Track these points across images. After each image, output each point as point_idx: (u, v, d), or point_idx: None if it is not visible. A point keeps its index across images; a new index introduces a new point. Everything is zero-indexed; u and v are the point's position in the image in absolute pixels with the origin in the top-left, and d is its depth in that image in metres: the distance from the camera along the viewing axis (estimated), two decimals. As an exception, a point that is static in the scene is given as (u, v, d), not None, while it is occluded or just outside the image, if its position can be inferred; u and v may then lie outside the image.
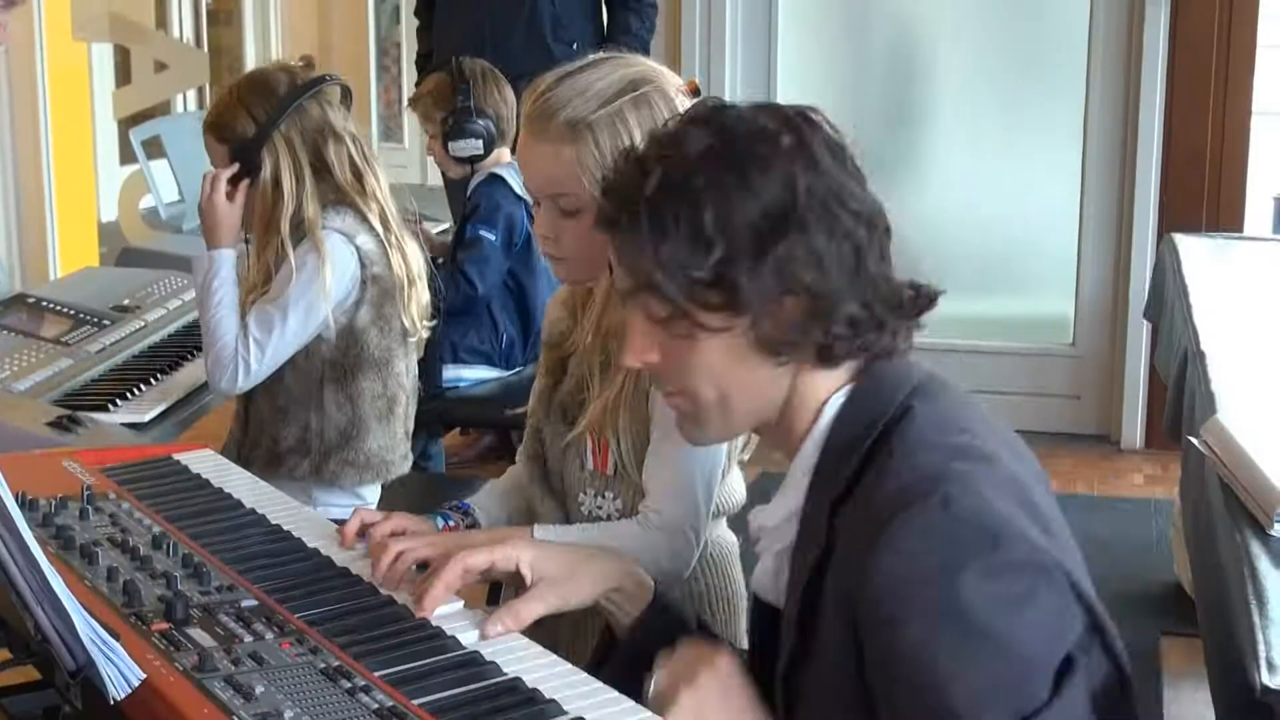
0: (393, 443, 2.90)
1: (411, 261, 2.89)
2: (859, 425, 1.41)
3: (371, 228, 2.81)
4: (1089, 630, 1.32)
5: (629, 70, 1.86)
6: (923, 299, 1.46)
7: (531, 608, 1.53)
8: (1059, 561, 1.32)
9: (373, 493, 2.96)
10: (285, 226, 2.75)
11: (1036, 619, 1.29)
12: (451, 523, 1.98)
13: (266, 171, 2.76)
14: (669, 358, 1.45)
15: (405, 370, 2.92)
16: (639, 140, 1.80)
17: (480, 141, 4.00)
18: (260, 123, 2.76)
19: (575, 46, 4.48)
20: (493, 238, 3.97)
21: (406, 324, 2.87)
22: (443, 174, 4.65)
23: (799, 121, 1.42)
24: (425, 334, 2.99)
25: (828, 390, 1.45)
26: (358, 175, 2.83)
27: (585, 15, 4.71)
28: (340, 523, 1.80)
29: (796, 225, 1.37)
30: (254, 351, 2.71)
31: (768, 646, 1.49)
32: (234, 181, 2.78)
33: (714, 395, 1.44)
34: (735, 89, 5.37)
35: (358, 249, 2.78)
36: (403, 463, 2.95)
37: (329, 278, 2.71)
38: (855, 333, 1.40)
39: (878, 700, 1.32)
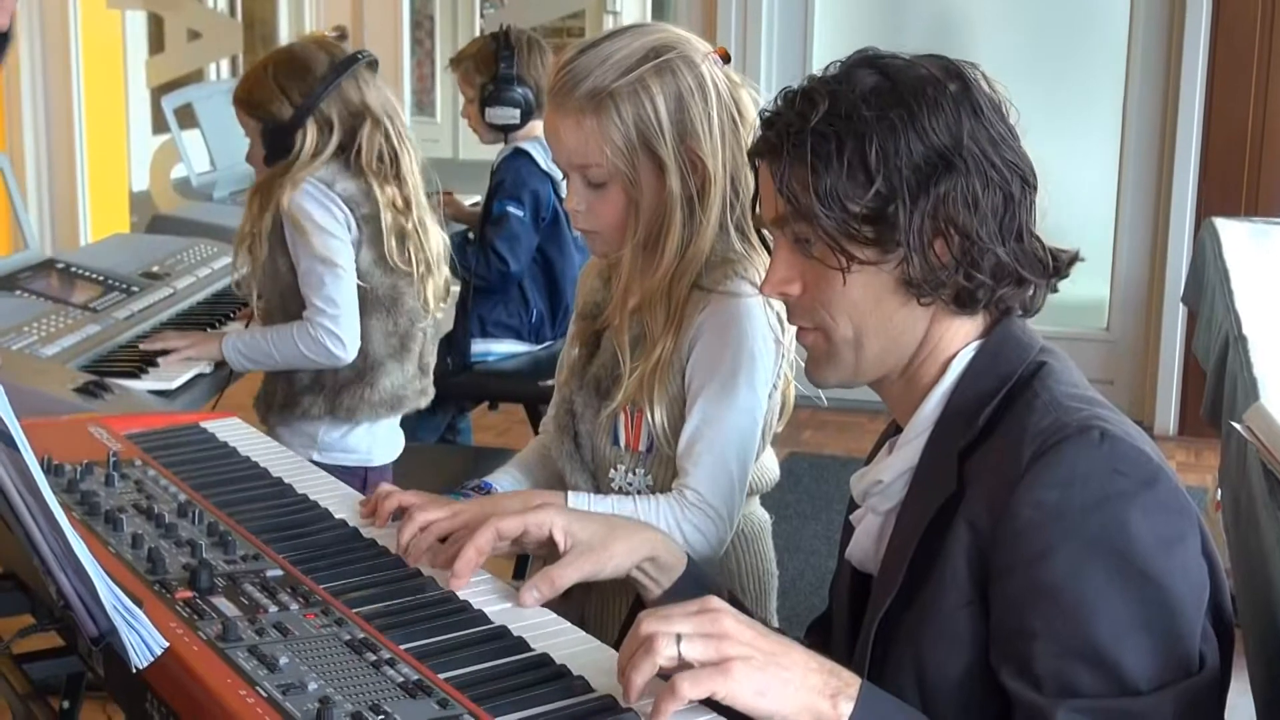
0: (407, 379, 2.94)
1: (432, 246, 2.95)
2: (991, 378, 1.41)
3: (358, 173, 2.85)
4: (1211, 590, 1.33)
5: (650, 38, 1.83)
6: (1062, 262, 1.46)
7: (566, 574, 1.50)
8: (1197, 514, 1.32)
9: (388, 427, 2.99)
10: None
11: (1185, 564, 1.30)
12: None
13: (296, 147, 2.80)
14: (810, 290, 1.45)
15: (418, 306, 2.95)
16: (663, 109, 1.79)
17: (517, 111, 3.98)
18: (296, 106, 2.81)
19: None
20: (521, 214, 3.96)
21: (421, 305, 2.94)
22: None
23: (963, 71, 1.42)
24: (440, 314, 3.05)
25: (959, 343, 1.44)
26: (393, 157, 2.88)
27: None
28: (348, 470, 1.79)
29: (957, 168, 1.37)
30: (328, 317, 2.79)
31: (858, 611, 1.49)
32: (267, 163, 2.85)
33: (850, 333, 1.44)
34: (771, 59, 5.35)
35: (338, 195, 2.83)
36: (419, 397, 3.01)
37: (325, 217, 2.80)
38: (997, 282, 1.41)
39: (1003, 641, 1.31)
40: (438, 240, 2.98)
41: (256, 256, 2.86)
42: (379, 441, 2.98)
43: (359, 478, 2.85)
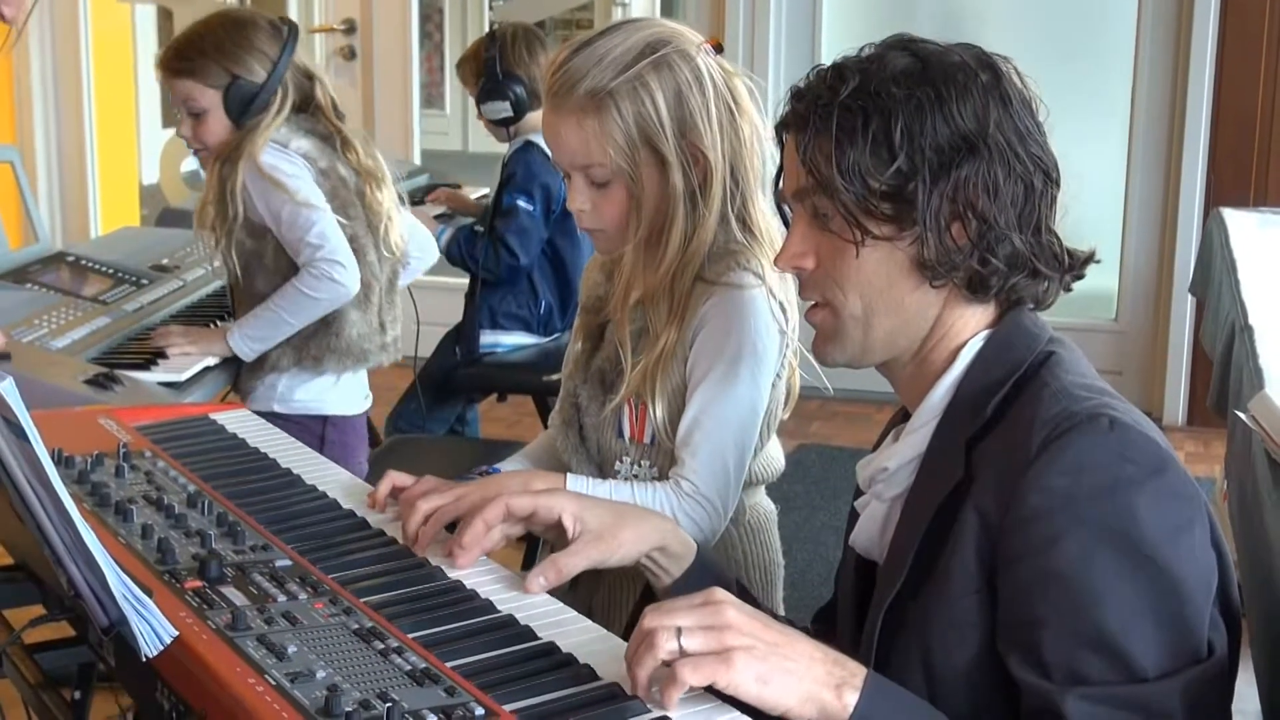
0: (369, 331, 2.99)
1: (383, 202, 3.01)
2: (1000, 367, 1.42)
3: (311, 133, 2.93)
4: (1219, 579, 1.33)
5: (646, 33, 1.83)
6: (1077, 260, 1.47)
7: (573, 561, 1.51)
8: (1206, 502, 1.33)
9: (356, 380, 3.04)
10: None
11: (1192, 551, 1.30)
12: None
13: (268, 108, 2.87)
14: (824, 264, 1.46)
15: (378, 260, 3.00)
16: (662, 105, 1.79)
17: (506, 103, 3.97)
18: (267, 69, 2.87)
19: None
20: (530, 207, 3.96)
21: (384, 253, 2.99)
22: None
23: (996, 63, 1.44)
24: (403, 268, 3.11)
25: (970, 331, 1.45)
26: (338, 113, 2.99)
27: None
28: (325, 420, 1.79)
29: (980, 154, 1.38)
30: (325, 251, 2.83)
31: (863, 598, 1.50)
32: (237, 127, 2.88)
33: (859, 309, 1.44)
34: (779, 53, 5.34)
35: (294, 152, 2.89)
36: (380, 353, 3.04)
37: (293, 169, 2.87)
38: (1011, 270, 1.41)
39: (1011, 628, 1.32)
40: (390, 196, 3.04)
41: (219, 230, 2.90)
42: (340, 392, 3.02)
43: (316, 432, 2.91)
